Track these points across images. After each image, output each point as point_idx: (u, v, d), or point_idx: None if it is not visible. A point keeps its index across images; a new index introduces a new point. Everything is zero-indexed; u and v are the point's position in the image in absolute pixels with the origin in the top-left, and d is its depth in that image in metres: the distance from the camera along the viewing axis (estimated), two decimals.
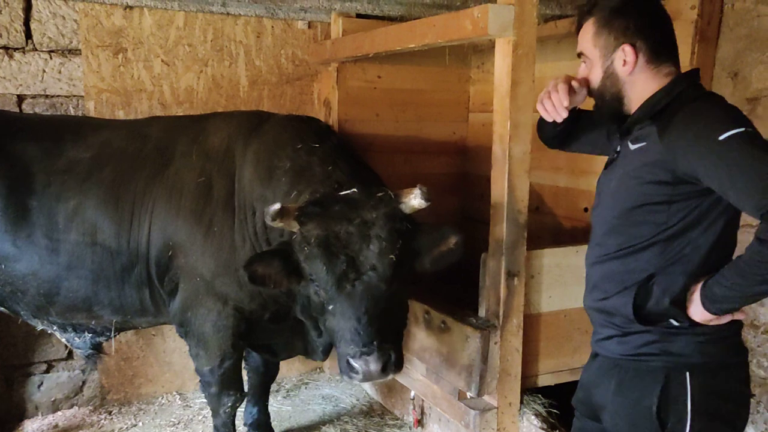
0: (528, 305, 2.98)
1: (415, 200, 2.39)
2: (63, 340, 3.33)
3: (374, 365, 2.27)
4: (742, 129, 1.63)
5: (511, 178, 2.79)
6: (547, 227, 4.08)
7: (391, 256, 2.32)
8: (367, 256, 2.32)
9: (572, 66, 3.80)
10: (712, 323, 1.79)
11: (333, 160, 2.73)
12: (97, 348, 3.36)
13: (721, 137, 1.63)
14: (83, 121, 3.41)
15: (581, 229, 3.79)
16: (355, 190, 2.44)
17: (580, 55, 2.01)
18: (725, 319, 1.79)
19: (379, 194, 2.41)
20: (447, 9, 3.58)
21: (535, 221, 3.93)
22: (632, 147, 1.91)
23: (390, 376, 2.37)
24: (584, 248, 3.11)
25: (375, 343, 2.26)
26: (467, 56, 4.63)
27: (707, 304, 1.74)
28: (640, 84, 1.90)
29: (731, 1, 3.01)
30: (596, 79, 1.97)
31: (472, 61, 4.66)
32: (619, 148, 2.01)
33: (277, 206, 2.34)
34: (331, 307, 2.40)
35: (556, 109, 2.08)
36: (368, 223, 2.34)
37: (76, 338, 3.27)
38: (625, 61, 1.88)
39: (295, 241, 2.43)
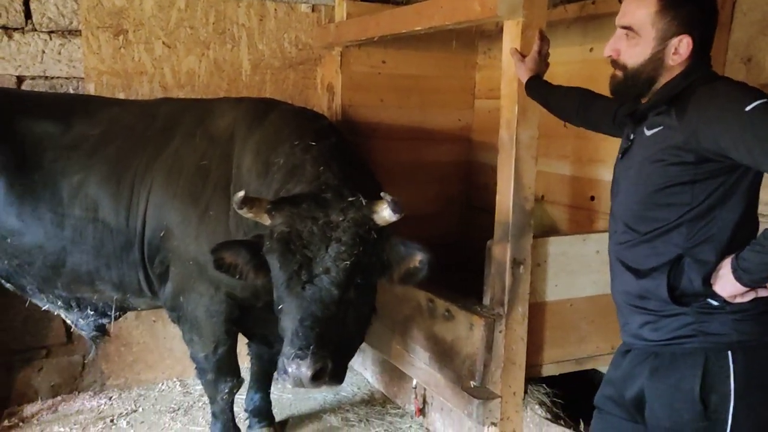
0: (533, 294, 2.93)
1: (384, 211, 2.29)
2: (68, 320, 3.34)
3: (305, 370, 2.10)
4: (766, 99, 1.62)
5: (518, 163, 2.74)
6: (551, 216, 4.03)
7: (347, 262, 2.23)
8: (324, 259, 2.24)
9: (581, 52, 3.75)
10: (736, 300, 1.77)
11: (326, 161, 2.65)
12: (101, 330, 3.35)
13: (748, 108, 1.61)
14: (93, 99, 3.42)
15: (588, 219, 3.74)
16: (328, 193, 2.38)
17: (626, 27, 1.85)
18: (749, 296, 1.77)
19: (351, 199, 2.33)
20: None
21: (539, 209, 3.89)
22: (648, 132, 1.88)
23: (323, 387, 2.25)
24: (591, 237, 3.12)
25: (311, 348, 2.12)
26: (474, 41, 4.55)
27: (740, 274, 1.71)
28: (674, 73, 1.85)
29: None
30: (637, 58, 1.85)
31: (479, 47, 4.58)
32: (632, 135, 1.97)
33: (241, 194, 2.30)
34: (280, 306, 2.33)
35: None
36: (332, 225, 2.27)
37: (80, 319, 3.28)
38: (677, 51, 1.81)
39: (265, 234, 2.38)
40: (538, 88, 2.60)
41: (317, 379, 2.14)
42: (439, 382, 3.18)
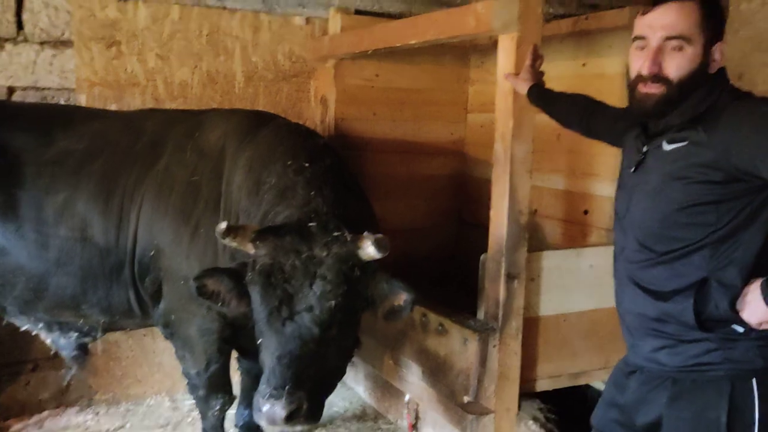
0: (527, 308, 2.92)
1: (369, 248, 2.22)
2: (48, 341, 3.24)
3: (279, 410, 2.05)
4: None
5: (512, 178, 2.74)
6: (545, 230, 4.03)
7: (332, 301, 2.17)
8: (307, 296, 2.17)
9: (574, 66, 3.77)
10: (762, 327, 1.71)
11: (319, 185, 2.58)
12: (83, 349, 3.28)
13: None
14: (75, 110, 3.33)
15: (581, 233, 3.74)
16: (314, 224, 2.31)
17: (676, 37, 1.73)
18: None
19: (336, 233, 2.26)
20: (447, 6, 3.52)
21: (532, 224, 3.89)
22: (668, 147, 1.80)
23: (297, 428, 2.18)
24: (585, 251, 3.12)
25: (287, 387, 2.07)
26: (467, 55, 4.57)
27: None
28: (707, 83, 1.78)
29: (737, 2, 2.97)
30: (686, 68, 1.74)
31: (472, 61, 4.60)
32: (645, 148, 1.89)
33: (223, 224, 2.25)
34: (260, 341, 2.28)
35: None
36: (316, 261, 2.21)
37: (61, 339, 3.19)
38: (715, 58, 1.76)
39: (249, 264, 2.32)
40: (540, 95, 2.59)
41: (291, 419, 2.09)
42: (432, 398, 3.16)
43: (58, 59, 3.65)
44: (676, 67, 1.74)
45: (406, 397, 3.55)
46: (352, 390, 4.33)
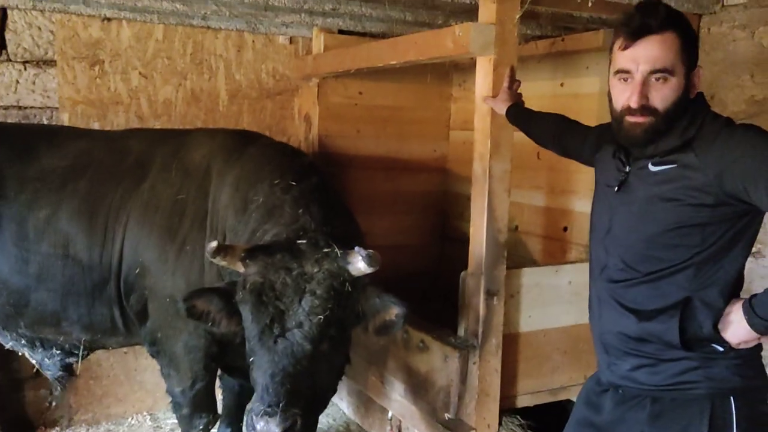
0: (507, 325, 2.95)
1: (359, 263, 2.24)
2: (33, 361, 3.22)
3: (273, 428, 2.05)
4: None
5: (491, 196, 2.78)
6: (526, 246, 4.08)
7: (321, 316, 2.18)
8: (297, 312, 2.18)
9: (552, 86, 3.85)
10: (741, 347, 1.75)
11: (306, 203, 2.60)
12: (68, 369, 3.26)
13: None
14: (60, 130, 3.35)
15: (561, 249, 3.79)
16: (304, 241, 2.33)
17: (660, 70, 1.74)
18: (754, 342, 1.76)
19: (326, 249, 2.28)
20: (429, 27, 3.59)
21: (514, 240, 3.94)
22: (655, 168, 1.82)
23: None
24: (564, 267, 3.16)
25: (281, 405, 2.08)
26: (449, 74, 4.64)
27: (756, 321, 1.67)
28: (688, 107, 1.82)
29: (708, 25, 3.05)
30: (671, 98, 1.76)
31: (454, 79, 4.67)
32: (628, 168, 1.90)
33: (213, 243, 2.26)
34: (251, 359, 2.28)
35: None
36: (306, 277, 2.22)
37: (46, 359, 3.17)
38: (694, 83, 1.80)
39: (239, 282, 2.33)
40: (518, 115, 2.65)
41: None
42: (414, 414, 3.17)
43: (40, 78, 3.66)
44: (661, 98, 1.76)
45: (389, 414, 3.56)
46: (336, 406, 4.32)
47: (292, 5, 3.23)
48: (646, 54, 1.74)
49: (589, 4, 2.70)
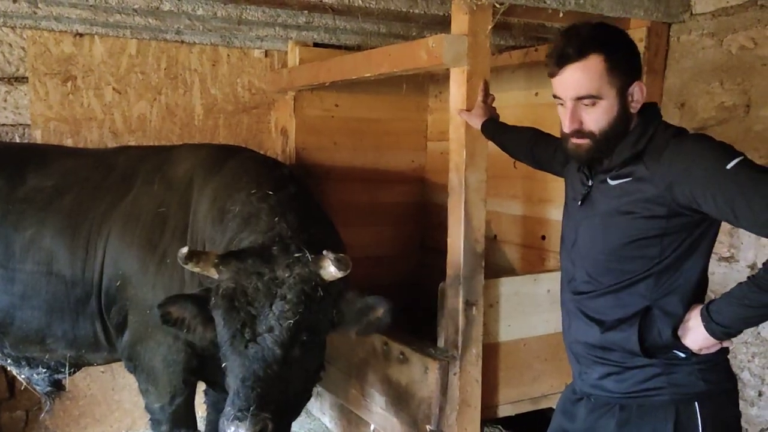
0: (487, 335, 2.95)
1: (330, 267, 2.24)
2: (21, 377, 3.21)
3: None
4: (742, 156, 1.64)
5: (467, 206, 2.79)
6: (505, 255, 4.09)
7: (291, 320, 2.18)
8: (268, 317, 2.20)
9: (526, 96, 3.88)
10: (702, 352, 1.78)
11: (282, 211, 2.61)
12: (57, 385, 3.24)
13: (729, 166, 1.61)
14: (48, 149, 3.35)
15: (539, 258, 3.81)
16: (276, 247, 2.35)
17: (585, 97, 1.77)
18: (715, 347, 1.78)
19: (297, 254, 2.30)
20: (403, 39, 3.60)
21: (493, 249, 3.95)
22: (613, 182, 1.85)
23: None
24: (542, 276, 3.18)
25: (251, 409, 2.08)
26: (425, 85, 4.66)
27: (713, 327, 1.71)
28: (635, 121, 1.84)
29: (677, 34, 3.10)
30: (605, 120, 1.79)
31: (430, 90, 4.70)
32: (590, 182, 1.94)
33: (184, 249, 2.27)
34: (224, 364, 2.29)
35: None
36: (278, 282, 2.24)
37: (34, 375, 3.16)
38: (634, 98, 1.80)
39: (213, 289, 2.34)
40: (492, 129, 2.67)
41: None
42: (395, 427, 3.15)
43: (12, 95, 3.62)
44: (594, 121, 1.79)
45: (371, 427, 3.53)
46: (318, 420, 4.28)
47: (267, 19, 3.23)
48: (569, 82, 1.78)
49: (561, 15, 2.75)
